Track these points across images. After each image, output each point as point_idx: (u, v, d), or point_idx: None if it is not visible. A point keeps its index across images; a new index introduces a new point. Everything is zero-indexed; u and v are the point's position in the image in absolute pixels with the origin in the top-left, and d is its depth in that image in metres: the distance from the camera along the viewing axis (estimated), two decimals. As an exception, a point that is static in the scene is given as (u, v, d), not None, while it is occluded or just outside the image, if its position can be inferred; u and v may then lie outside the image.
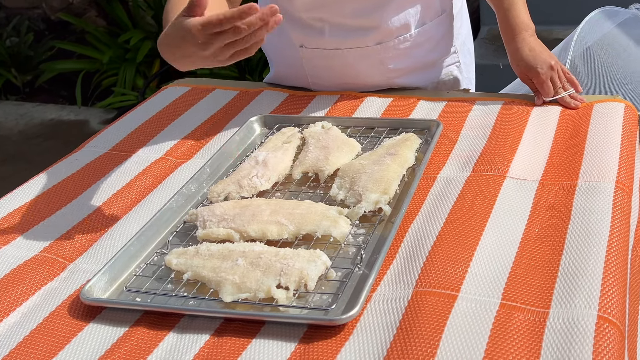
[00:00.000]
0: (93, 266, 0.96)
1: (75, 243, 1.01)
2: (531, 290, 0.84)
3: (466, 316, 0.80)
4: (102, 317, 0.87)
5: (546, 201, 1.00)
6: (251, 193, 1.07)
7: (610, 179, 1.03)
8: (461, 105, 1.31)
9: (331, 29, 1.35)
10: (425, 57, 1.40)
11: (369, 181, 1.04)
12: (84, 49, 3.51)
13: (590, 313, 0.79)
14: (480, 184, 1.05)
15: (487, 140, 1.17)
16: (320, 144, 1.16)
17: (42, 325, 0.87)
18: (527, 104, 1.29)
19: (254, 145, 1.24)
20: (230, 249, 0.92)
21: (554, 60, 1.28)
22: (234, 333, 0.83)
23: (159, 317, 0.86)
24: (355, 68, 1.39)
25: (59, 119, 3.50)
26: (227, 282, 0.87)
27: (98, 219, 1.07)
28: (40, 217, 1.08)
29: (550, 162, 1.10)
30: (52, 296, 0.91)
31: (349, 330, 0.81)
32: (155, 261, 0.96)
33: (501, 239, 0.93)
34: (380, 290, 0.87)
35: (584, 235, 0.92)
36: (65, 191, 1.15)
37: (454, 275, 0.87)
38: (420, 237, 0.95)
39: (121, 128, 1.35)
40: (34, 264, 0.97)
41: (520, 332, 0.78)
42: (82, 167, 1.21)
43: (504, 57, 1.40)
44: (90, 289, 0.89)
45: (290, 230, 0.96)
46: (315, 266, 0.87)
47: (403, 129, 1.21)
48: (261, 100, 1.42)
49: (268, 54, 1.53)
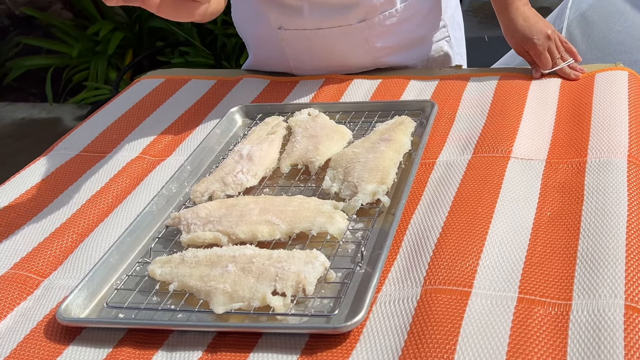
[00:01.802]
0: (69, 281, 0.88)
1: (49, 256, 0.93)
2: (550, 281, 0.78)
3: (482, 314, 0.74)
4: (82, 338, 0.80)
5: (555, 181, 0.94)
6: (237, 191, 1.00)
7: (621, 153, 0.97)
8: (455, 83, 1.24)
9: (311, 8, 1.28)
10: (412, 33, 1.33)
11: (364, 171, 0.96)
12: (52, 44, 3.41)
13: (617, 303, 0.73)
14: (483, 167, 0.98)
15: (486, 119, 1.10)
16: (308, 133, 1.08)
17: (16, 351, 0.79)
18: (525, 77, 1.22)
19: (236, 138, 1.17)
20: (219, 254, 0.85)
21: (551, 29, 1.21)
22: (229, 347, 0.76)
23: (146, 334, 0.79)
24: (338, 49, 1.31)
25: (30, 118, 3.40)
26: (218, 292, 0.80)
27: (72, 228, 0.99)
28: (9, 229, 1.00)
29: (556, 138, 1.04)
30: (26, 318, 0.84)
31: (355, 337, 0.74)
32: (138, 272, 0.88)
33: (511, 226, 0.86)
34: (386, 291, 0.80)
35: (600, 216, 0.86)
36: (34, 200, 1.06)
37: (464, 269, 0.80)
38: (424, 229, 0.88)
39: (92, 127, 1.27)
40: (4, 283, 0.89)
41: (543, 329, 0.72)
42: (52, 172, 1.13)
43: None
44: (68, 308, 0.81)
45: (282, 229, 0.89)
46: (313, 268, 0.80)
47: (395, 112, 1.14)
48: (241, 88, 1.34)
49: (245, 38, 1.44)
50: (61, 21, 3.42)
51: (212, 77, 1.41)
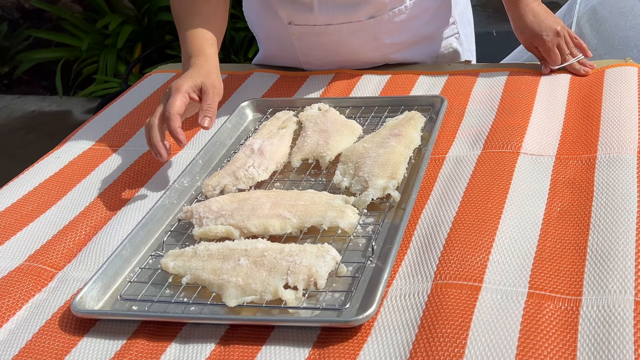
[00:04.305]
0: (83, 274, 0.89)
1: (63, 249, 0.94)
2: (560, 276, 0.78)
3: (493, 309, 0.74)
4: (96, 330, 0.81)
5: (565, 177, 0.94)
6: (248, 185, 1.00)
7: (631, 149, 0.97)
8: (464, 78, 1.24)
9: (321, 4, 1.28)
10: (422, 30, 1.33)
11: (375, 166, 0.97)
12: (62, 37, 3.41)
13: (627, 299, 0.73)
14: (493, 162, 0.98)
15: (495, 115, 1.11)
16: (319, 128, 1.09)
17: (31, 342, 0.80)
18: (534, 73, 1.22)
19: (247, 132, 1.17)
20: (231, 248, 0.85)
21: (560, 25, 1.21)
22: (242, 340, 0.76)
23: (159, 326, 0.80)
24: (348, 44, 1.32)
25: (41, 111, 3.41)
26: (230, 285, 0.80)
27: (85, 221, 1.00)
28: (24, 222, 1.01)
29: (565, 134, 1.04)
30: (40, 309, 0.85)
31: (367, 331, 0.75)
32: (151, 265, 0.89)
33: (521, 221, 0.87)
34: (397, 285, 0.81)
35: (610, 212, 0.86)
36: (49, 192, 1.07)
37: (475, 264, 0.80)
38: (434, 224, 0.88)
39: (104, 120, 1.28)
40: (19, 275, 0.90)
41: (553, 324, 0.72)
42: (66, 165, 1.14)
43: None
44: (82, 300, 0.82)
45: (293, 223, 0.89)
46: (324, 262, 0.81)
47: (405, 107, 1.15)
48: (251, 83, 1.35)
49: (256, 32, 1.45)
50: (71, 14, 3.43)
51: (223, 71, 1.40)
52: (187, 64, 1.11)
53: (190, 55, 1.12)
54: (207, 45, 1.14)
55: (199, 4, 1.18)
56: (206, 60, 1.11)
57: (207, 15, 1.17)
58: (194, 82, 1.05)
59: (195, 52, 1.12)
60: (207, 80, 1.06)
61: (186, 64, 1.12)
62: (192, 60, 1.11)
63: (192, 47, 1.13)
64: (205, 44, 1.14)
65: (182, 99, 1.03)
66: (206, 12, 1.17)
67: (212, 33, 1.16)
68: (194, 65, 1.09)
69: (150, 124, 1.02)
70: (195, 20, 1.16)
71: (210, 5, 1.18)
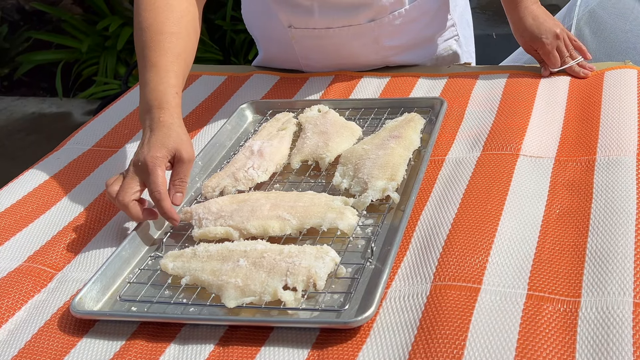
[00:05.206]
0: (83, 274, 0.89)
1: (62, 250, 0.94)
2: (559, 278, 0.78)
3: (492, 310, 0.74)
4: (95, 331, 0.81)
5: (564, 179, 0.94)
6: (248, 186, 1.01)
7: (630, 152, 0.97)
8: (463, 80, 1.24)
9: (321, 8, 1.28)
10: (421, 33, 1.33)
11: (374, 167, 0.97)
12: (62, 39, 3.42)
13: (626, 300, 0.73)
14: (492, 164, 0.99)
15: (495, 117, 1.11)
16: (319, 129, 1.09)
17: (30, 343, 0.80)
18: (534, 75, 1.22)
19: (247, 134, 1.17)
20: (230, 249, 0.86)
21: (560, 28, 1.21)
22: (241, 341, 0.77)
23: (158, 327, 0.80)
24: (348, 47, 1.32)
25: (41, 112, 3.41)
26: (230, 286, 0.80)
27: (85, 222, 1.00)
28: (23, 223, 1.01)
29: (565, 137, 1.04)
30: (40, 310, 0.85)
31: (366, 332, 0.75)
32: (150, 265, 0.89)
33: (521, 223, 0.87)
34: (396, 286, 0.81)
35: (609, 214, 0.86)
36: (47, 193, 1.07)
37: (474, 265, 0.80)
38: (433, 226, 0.89)
39: (104, 122, 1.28)
40: (18, 276, 0.90)
41: (552, 326, 0.72)
42: (65, 166, 1.14)
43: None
44: (81, 301, 0.82)
45: (293, 225, 0.89)
46: (323, 263, 0.81)
47: (405, 109, 1.15)
48: (251, 84, 1.35)
49: (256, 35, 1.45)
50: (71, 16, 3.43)
51: (223, 73, 1.42)
52: (148, 117, 0.96)
53: (150, 107, 0.97)
54: (171, 95, 0.97)
55: (166, 25, 1.02)
56: (171, 116, 0.95)
57: (175, 42, 1.01)
58: (167, 151, 0.93)
59: (157, 103, 0.96)
60: (181, 147, 0.94)
61: (145, 116, 0.97)
62: (154, 114, 0.96)
63: (153, 95, 0.97)
64: (170, 92, 0.97)
65: (163, 174, 0.93)
66: (175, 35, 1.01)
67: (181, 69, 1.01)
68: (158, 126, 0.95)
69: (150, 201, 0.94)
70: (160, 50, 1.00)
71: (180, 26, 1.03)
